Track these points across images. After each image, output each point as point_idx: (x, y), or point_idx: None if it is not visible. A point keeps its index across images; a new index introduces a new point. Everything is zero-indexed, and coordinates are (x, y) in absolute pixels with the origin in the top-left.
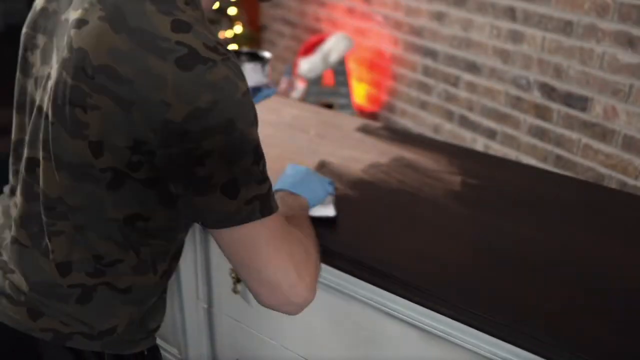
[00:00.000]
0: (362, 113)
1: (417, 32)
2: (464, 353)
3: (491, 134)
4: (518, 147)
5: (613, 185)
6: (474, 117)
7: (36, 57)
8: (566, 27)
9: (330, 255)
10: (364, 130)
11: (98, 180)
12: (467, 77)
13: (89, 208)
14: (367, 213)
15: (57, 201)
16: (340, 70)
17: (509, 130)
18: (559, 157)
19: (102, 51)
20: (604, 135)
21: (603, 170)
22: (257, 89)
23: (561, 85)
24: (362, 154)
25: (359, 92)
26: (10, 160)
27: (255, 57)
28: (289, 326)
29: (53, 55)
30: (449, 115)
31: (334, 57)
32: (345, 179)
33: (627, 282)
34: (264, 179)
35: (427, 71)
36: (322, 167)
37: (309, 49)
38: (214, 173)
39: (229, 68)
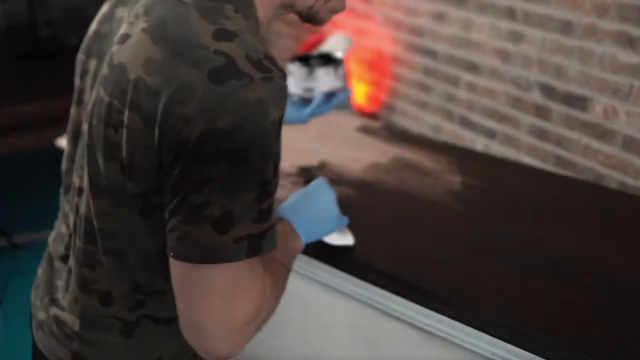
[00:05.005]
0: (362, 113)
1: (417, 32)
2: (464, 353)
3: (491, 134)
4: (518, 147)
5: (613, 185)
6: (474, 117)
7: (86, 83)
8: (566, 27)
9: (330, 256)
10: (364, 130)
11: (132, 206)
12: (467, 77)
13: (128, 236)
14: (367, 213)
15: (97, 230)
16: None
17: (509, 130)
18: (559, 157)
19: (138, 63)
20: (604, 135)
21: (603, 170)
22: (331, 95)
23: (561, 85)
24: (362, 154)
25: (359, 92)
26: (61, 191)
27: (327, 59)
28: (289, 326)
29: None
30: (449, 115)
31: None
32: (345, 179)
33: (627, 282)
34: (264, 218)
35: (427, 71)
36: (322, 168)
37: (309, 49)
38: (210, 203)
39: (267, 90)
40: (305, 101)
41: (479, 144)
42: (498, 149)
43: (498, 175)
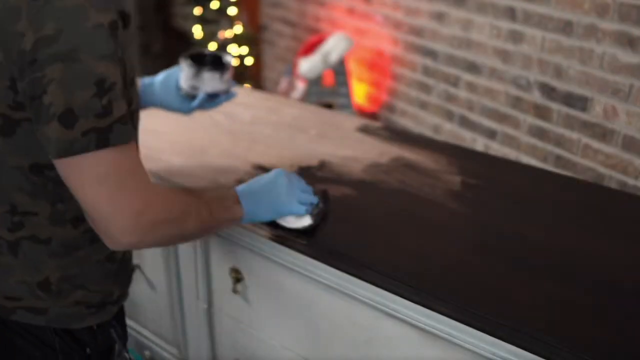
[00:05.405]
0: (362, 113)
1: (417, 32)
2: (464, 353)
3: (491, 134)
4: (518, 147)
5: (613, 185)
6: (474, 117)
7: None
8: (566, 27)
9: (330, 255)
10: (364, 130)
11: None
12: (467, 77)
13: None
14: (367, 213)
15: None
16: (340, 70)
17: (509, 130)
18: (559, 157)
19: None
20: (604, 135)
21: (603, 170)
22: (214, 95)
23: (561, 85)
24: (362, 154)
25: (359, 92)
26: None
27: (217, 61)
28: (289, 326)
29: None
30: (449, 115)
31: (334, 57)
32: (345, 179)
33: (627, 282)
34: (106, 113)
35: (427, 71)
36: (322, 168)
37: (309, 49)
38: (53, 102)
39: None
40: (190, 96)
41: (479, 143)
42: (498, 149)
43: (498, 175)
